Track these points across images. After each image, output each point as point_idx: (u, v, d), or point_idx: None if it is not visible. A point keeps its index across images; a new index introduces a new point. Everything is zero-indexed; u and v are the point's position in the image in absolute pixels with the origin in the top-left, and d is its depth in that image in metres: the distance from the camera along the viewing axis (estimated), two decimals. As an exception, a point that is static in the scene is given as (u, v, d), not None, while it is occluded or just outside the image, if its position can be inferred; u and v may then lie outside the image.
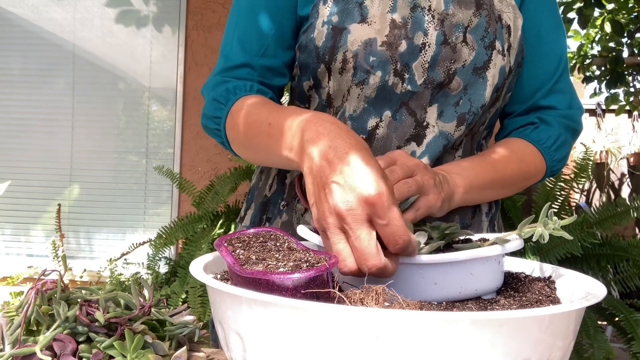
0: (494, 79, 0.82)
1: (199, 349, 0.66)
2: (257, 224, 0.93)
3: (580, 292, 0.56)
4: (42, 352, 0.55)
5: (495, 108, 0.89)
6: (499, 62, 0.83)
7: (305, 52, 0.85)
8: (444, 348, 0.42)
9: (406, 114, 0.82)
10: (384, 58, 0.80)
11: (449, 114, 0.82)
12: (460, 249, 0.58)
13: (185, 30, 3.49)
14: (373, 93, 0.82)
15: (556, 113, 0.91)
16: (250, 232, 0.61)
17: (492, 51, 0.82)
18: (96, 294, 0.62)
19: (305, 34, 0.84)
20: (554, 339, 0.45)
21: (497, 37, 0.83)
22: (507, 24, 0.85)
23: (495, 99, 0.86)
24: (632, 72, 5.21)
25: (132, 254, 2.73)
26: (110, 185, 3.63)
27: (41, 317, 0.58)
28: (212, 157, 3.50)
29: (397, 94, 0.81)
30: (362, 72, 0.81)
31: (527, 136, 0.90)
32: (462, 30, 0.81)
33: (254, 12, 0.87)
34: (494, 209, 0.93)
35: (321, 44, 0.82)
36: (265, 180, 0.94)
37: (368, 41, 0.80)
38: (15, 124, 3.66)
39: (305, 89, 0.88)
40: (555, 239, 2.14)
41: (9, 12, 3.66)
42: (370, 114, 0.82)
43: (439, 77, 0.81)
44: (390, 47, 0.80)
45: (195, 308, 2.02)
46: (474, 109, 0.83)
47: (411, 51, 0.81)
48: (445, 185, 0.76)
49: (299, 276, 0.48)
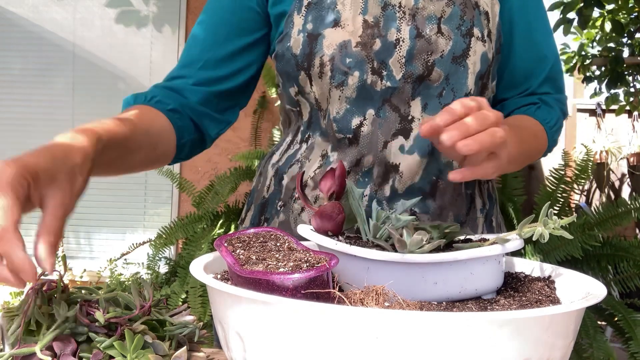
0: (475, 66, 0.84)
1: (199, 349, 0.66)
2: (256, 225, 0.94)
3: (580, 292, 0.56)
4: (42, 352, 0.55)
5: (487, 97, 0.89)
6: (479, 48, 0.84)
7: (283, 61, 0.87)
8: (444, 348, 0.42)
9: (390, 110, 0.83)
10: (359, 58, 0.82)
11: (433, 105, 0.84)
12: (460, 249, 0.58)
13: (185, 30, 3.49)
14: (353, 93, 0.83)
15: (552, 97, 0.95)
16: (251, 232, 0.61)
17: (470, 39, 0.83)
18: (96, 294, 0.62)
19: (281, 43, 0.87)
20: (554, 339, 0.45)
21: (475, 24, 0.84)
22: (485, 10, 0.87)
23: (483, 87, 0.87)
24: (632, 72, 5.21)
25: (132, 254, 2.73)
26: (110, 185, 3.62)
27: (41, 317, 0.58)
28: (212, 157, 3.50)
29: (377, 91, 0.83)
30: (339, 74, 0.82)
31: (533, 114, 0.92)
32: (435, 22, 0.83)
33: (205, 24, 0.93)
34: (488, 204, 0.94)
35: (299, 51, 0.84)
36: (264, 182, 0.95)
37: (343, 43, 0.82)
38: (15, 123, 3.65)
39: (292, 94, 0.89)
40: (555, 240, 2.14)
41: (9, 12, 3.66)
42: (353, 113, 0.84)
43: (418, 70, 0.82)
44: (365, 47, 0.82)
45: (195, 308, 2.02)
46: (457, 98, 0.82)
47: (386, 48, 0.82)
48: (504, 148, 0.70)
49: (299, 276, 0.48)
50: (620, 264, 2.15)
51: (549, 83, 0.95)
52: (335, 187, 0.64)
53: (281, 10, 0.88)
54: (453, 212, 0.87)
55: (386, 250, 0.57)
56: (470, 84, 0.84)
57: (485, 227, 0.92)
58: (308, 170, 0.88)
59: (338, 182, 0.64)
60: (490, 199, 0.95)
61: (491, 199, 0.95)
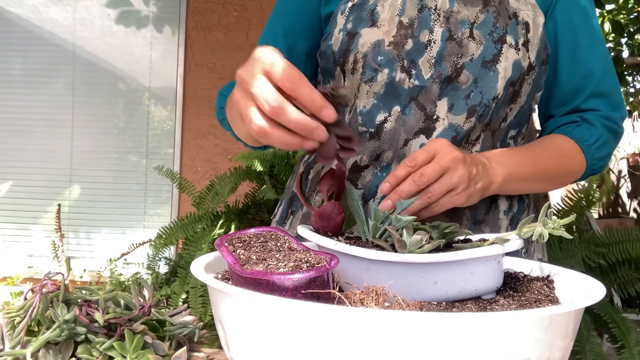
0: (506, 72, 0.85)
1: (199, 349, 0.66)
2: (284, 218, 0.99)
3: (579, 292, 0.56)
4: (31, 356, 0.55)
5: (518, 105, 0.89)
6: (512, 55, 0.85)
7: (325, 58, 0.92)
8: (444, 348, 0.42)
9: (415, 109, 0.85)
10: (391, 57, 0.85)
11: (459, 106, 0.85)
12: (459, 249, 0.58)
13: (185, 30, 3.49)
14: (382, 89, 0.86)
15: (598, 114, 0.94)
16: (251, 232, 0.61)
17: (502, 45, 0.85)
18: (96, 294, 0.62)
19: (325, 42, 0.92)
20: (553, 339, 0.46)
21: (509, 32, 0.86)
22: (525, 21, 0.88)
23: (514, 94, 0.87)
24: (632, 72, 5.21)
25: (132, 254, 2.73)
26: (110, 185, 3.63)
27: (43, 317, 0.58)
28: (212, 157, 3.50)
29: (405, 89, 0.85)
30: (370, 70, 0.86)
31: (569, 133, 0.93)
32: (468, 26, 0.85)
33: (273, 30, 0.98)
34: (515, 207, 0.93)
35: (337, 49, 0.89)
36: (293, 179, 1.01)
37: (376, 42, 0.86)
38: (15, 124, 3.66)
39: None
40: (558, 252, 2.10)
41: (9, 12, 3.66)
42: (380, 109, 0.87)
43: (447, 71, 0.84)
44: (397, 46, 0.85)
45: (195, 308, 2.02)
46: (485, 100, 0.85)
47: (417, 48, 0.85)
48: (484, 177, 0.79)
49: (300, 276, 0.48)
50: (621, 268, 2.13)
51: (598, 99, 0.94)
52: (334, 187, 0.64)
53: (329, 11, 0.93)
54: (470, 210, 0.88)
55: (386, 250, 0.57)
56: (500, 89, 0.85)
57: (509, 229, 0.91)
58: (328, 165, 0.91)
59: (337, 183, 0.64)
60: (521, 202, 0.94)
61: (522, 203, 0.95)
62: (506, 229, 0.91)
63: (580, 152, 0.91)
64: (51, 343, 0.57)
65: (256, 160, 2.51)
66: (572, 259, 2.07)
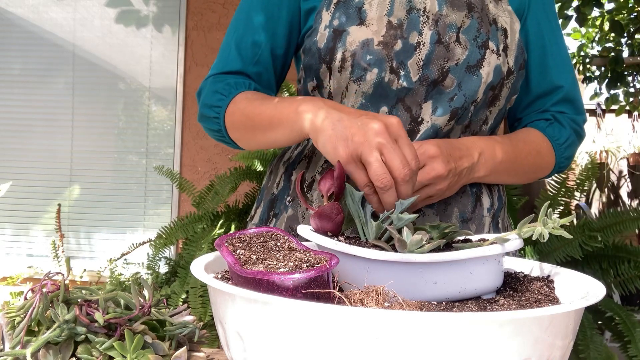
0: (488, 77, 0.86)
1: (199, 349, 0.66)
2: (265, 221, 0.97)
3: (579, 292, 0.56)
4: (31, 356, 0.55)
5: (497, 108, 0.91)
6: (494, 61, 0.86)
7: (309, 54, 0.90)
8: (444, 348, 0.42)
9: (402, 110, 0.86)
10: (380, 56, 0.85)
11: (443, 108, 0.86)
12: (460, 249, 0.58)
13: (185, 30, 3.49)
14: (370, 89, 0.86)
15: (566, 116, 0.98)
16: (251, 231, 0.61)
17: (485, 50, 0.86)
18: (96, 294, 0.62)
19: (309, 38, 0.90)
20: (553, 339, 0.46)
21: (491, 38, 0.87)
22: (504, 27, 0.90)
23: (493, 98, 0.89)
24: (632, 72, 5.21)
25: (132, 254, 2.73)
26: (110, 185, 3.62)
27: (43, 317, 0.58)
28: (212, 157, 3.50)
29: (393, 90, 0.85)
30: (359, 69, 0.85)
31: (543, 130, 0.96)
32: (455, 31, 0.86)
33: (251, 19, 0.94)
34: (496, 205, 0.95)
35: (322, 45, 0.87)
36: (274, 180, 0.99)
37: (365, 41, 0.85)
38: (15, 124, 3.65)
39: (310, 89, 0.93)
40: (555, 241, 2.13)
41: (9, 12, 3.66)
42: (368, 109, 0.87)
43: (433, 75, 0.85)
44: (386, 47, 0.85)
45: (196, 308, 2.02)
46: (467, 104, 0.86)
47: (406, 49, 0.85)
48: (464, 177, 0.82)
49: (300, 276, 0.48)
50: (621, 266, 2.14)
51: (565, 104, 0.98)
52: (334, 187, 0.64)
53: (311, 5, 0.92)
54: (458, 208, 0.89)
55: (386, 250, 0.57)
56: (480, 93, 0.86)
57: (492, 227, 0.94)
58: (315, 166, 0.91)
59: (337, 183, 0.64)
60: (500, 199, 0.97)
61: (501, 201, 0.97)
62: (489, 226, 0.93)
63: (552, 150, 0.95)
64: (51, 343, 0.57)
65: (256, 160, 2.51)
66: (569, 245, 2.09)
